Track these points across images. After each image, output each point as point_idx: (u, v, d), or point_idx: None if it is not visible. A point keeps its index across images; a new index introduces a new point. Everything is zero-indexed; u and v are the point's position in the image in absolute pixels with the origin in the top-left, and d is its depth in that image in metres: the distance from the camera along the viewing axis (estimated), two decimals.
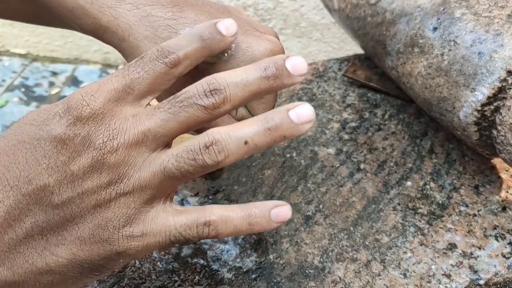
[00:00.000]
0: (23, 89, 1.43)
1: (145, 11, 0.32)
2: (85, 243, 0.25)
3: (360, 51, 0.54)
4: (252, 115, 0.33)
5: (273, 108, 0.34)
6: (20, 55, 1.55)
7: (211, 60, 0.32)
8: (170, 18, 0.32)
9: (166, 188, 0.26)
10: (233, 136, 0.25)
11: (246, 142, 0.25)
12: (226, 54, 0.32)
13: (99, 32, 0.32)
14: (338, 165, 0.43)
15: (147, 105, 0.27)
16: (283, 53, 0.33)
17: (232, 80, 0.26)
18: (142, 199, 0.26)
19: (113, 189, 0.25)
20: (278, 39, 0.36)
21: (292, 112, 0.26)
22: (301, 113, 0.26)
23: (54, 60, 1.53)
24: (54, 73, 1.50)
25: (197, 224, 0.26)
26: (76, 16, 0.32)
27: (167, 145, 0.27)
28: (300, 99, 0.50)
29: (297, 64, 0.27)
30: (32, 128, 0.26)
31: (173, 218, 0.26)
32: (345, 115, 0.48)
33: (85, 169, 0.25)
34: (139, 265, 0.35)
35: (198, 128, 0.27)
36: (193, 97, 0.26)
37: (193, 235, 0.26)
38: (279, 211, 0.27)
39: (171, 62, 0.27)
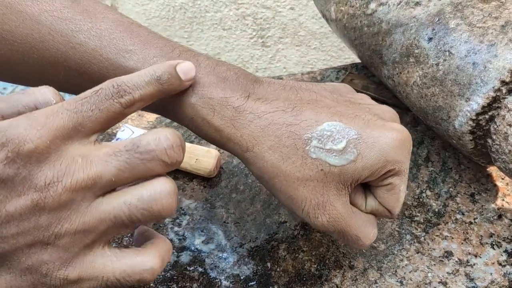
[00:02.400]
0: None
1: (267, 120, 0.30)
2: (16, 281, 0.24)
3: (358, 60, 0.55)
4: (382, 205, 0.32)
5: (403, 199, 0.32)
6: None
7: (337, 164, 0.30)
8: (291, 123, 0.30)
9: (110, 234, 0.25)
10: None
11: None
12: (351, 157, 0.30)
13: (221, 142, 0.31)
14: None
15: (95, 141, 0.26)
16: (411, 140, 0.32)
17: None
18: (82, 243, 0.25)
19: (52, 233, 0.24)
20: (398, 119, 0.34)
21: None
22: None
23: None
24: None
25: (141, 271, 0.25)
26: (196, 126, 0.31)
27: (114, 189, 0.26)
28: None
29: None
30: None
31: (112, 265, 0.25)
32: None
33: (22, 210, 0.23)
34: None
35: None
36: (157, 152, 0.25)
37: (132, 282, 0.25)
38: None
39: (127, 103, 0.26)
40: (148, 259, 0.26)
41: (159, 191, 0.25)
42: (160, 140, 0.25)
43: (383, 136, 0.30)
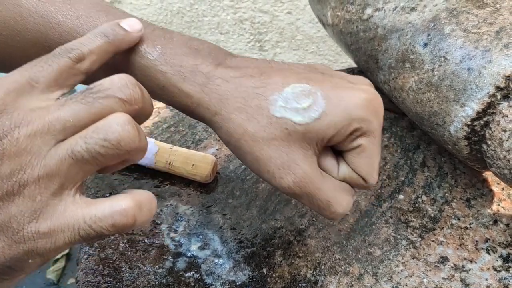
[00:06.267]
0: None
1: (235, 83, 0.31)
2: None
3: (354, 64, 0.55)
4: (356, 172, 0.32)
5: (377, 165, 0.32)
6: None
7: (301, 121, 0.30)
8: (259, 86, 0.31)
9: (75, 175, 0.24)
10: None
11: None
12: (316, 115, 0.30)
13: (191, 108, 0.32)
14: None
15: (57, 99, 0.26)
16: (380, 101, 0.32)
17: None
18: (49, 190, 0.24)
19: (15, 181, 0.23)
20: (373, 87, 0.33)
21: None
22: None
23: None
24: None
25: (113, 214, 0.24)
26: (167, 93, 0.32)
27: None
28: None
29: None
30: None
31: (82, 211, 0.24)
32: None
33: None
34: (133, 279, 0.36)
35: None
36: (111, 89, 0.25)
37: (106, 228, 0.24)
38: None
39: (75, 56, 0.27)
40: (119, 201, 0.24)
41: (114, 121, 0.24)
42: (114, 79, 0.25)
43: (349, 95, 0.30)
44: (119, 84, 0.25)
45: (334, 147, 0.32)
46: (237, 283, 0.36)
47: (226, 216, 0.41)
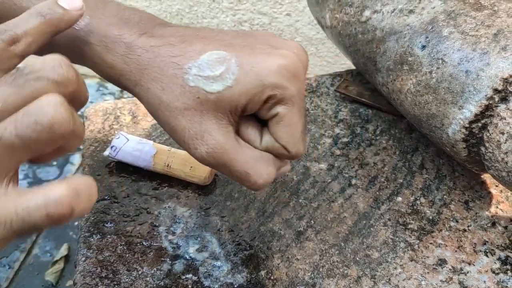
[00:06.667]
0: None
1: (154, 53, 0.31)
2: None
3: (353, 66, 0.55)
4: (278, 143, 0.31)
5: (299, 133, 0.31)
6: None
7: (213, 90, 0.29)
8: (176, 55, 0.30)
9: (6, 164, 0.22)
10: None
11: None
12: (228, 82, 0.29)
13: (115, 78, 0.32)
14: (329, 180, 0.44)
15: None
16: (299, 66, 0.30)
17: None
18: None
19: None
20: (305, 53, 0.32)
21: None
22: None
23: None
24: None
25: (46, 204, 0.22)
26: (93, 64, 0.32)
27: None
28: None
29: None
30: None
31: (14, 202, 0.22)
32: (337, 130, 0.49)
33: None
34: (131, 282, 0.36)
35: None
36: (42, 71, 0.23)
37: (41, 220, 0.22)
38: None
39: (9, 38, 0.25)
40: (54, 189, 0.22)
41: (45, 102, 0.22)
42: (46, 59, 0.23)
43: (263, 61, 0.29)
44: (52, 64, 0.23)
45: (257, 117, 0.31)
46: (235, 286, 0.36)
47: (224, 218, 0.40)
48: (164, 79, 0.30)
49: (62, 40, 0.32)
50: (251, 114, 0.31)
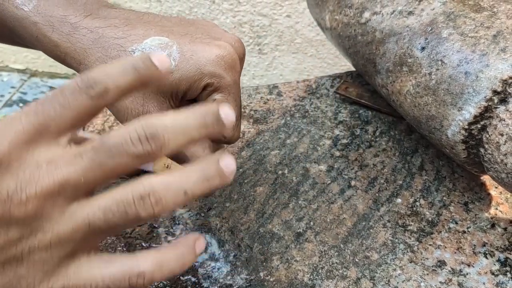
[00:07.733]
0: (21, 104, 1.44)
1: (98, 34, 0.33)
2: None
3: (353, 68, 0.55)
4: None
5: (211, 152, 0.33)
6: (18, 71, 1.56)
7: None
8: (120, 37, 0.32)
9: (89, 242, 0.23)
10: (172, 187, 0.23)
11: (185, 193, 0.23)
12: (172, 66, 0.31)
13: (61, 57, 0.33)
14: (329, 182, 0.44)
15: (67, 144, 0.23)
16: (235, 58, 0.33)
17: (170, 125, 0.23)
18: (62, 253, 0.23)
19: (26, 245, 0.22)
20: (243, 46, 0.34)
21: (222, 163, 0.24)
22: (228, 164, 0.24)
23: (52, 75, 1.54)
24: (53, 88, 1.51)
25: (129, 276, 0.23)
26: (40, 44, 0.34)
27: (89, 192, 0.24)
28: (293, 116, 0.51)
29: (228, 115, 0.24)
30: None
31: (100, 271, 0.23)
32: (336, 131, 0.49)
33: None
34: None
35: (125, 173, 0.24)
36: (125, 145, 0.22)
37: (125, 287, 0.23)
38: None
39: (98, 93, 0.23)
40: (139, 264, 0.23)
41: (134, 194, 0.23)
42: (126, 133, 0.23)
43: (202, 50, 0.32)
44: (132, 137, 0.22)
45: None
46: (234, 287, 0.36)
47: (223, 219, 0.40)
48: (107, 60, 0.32)
49: (11, 21, 0.33)
50: (190, 100, 0.33)
